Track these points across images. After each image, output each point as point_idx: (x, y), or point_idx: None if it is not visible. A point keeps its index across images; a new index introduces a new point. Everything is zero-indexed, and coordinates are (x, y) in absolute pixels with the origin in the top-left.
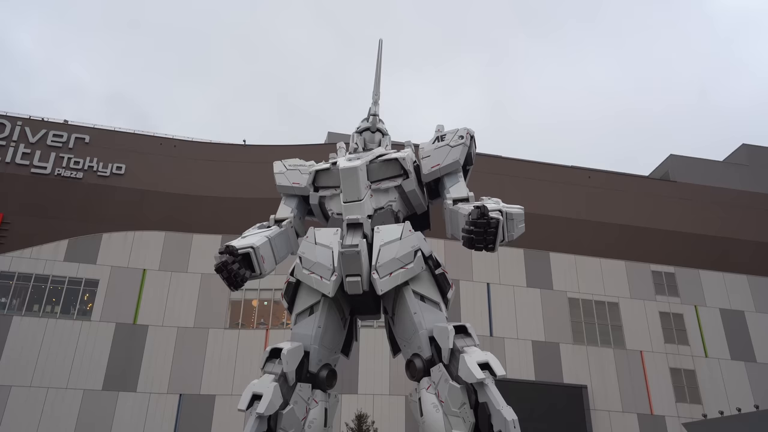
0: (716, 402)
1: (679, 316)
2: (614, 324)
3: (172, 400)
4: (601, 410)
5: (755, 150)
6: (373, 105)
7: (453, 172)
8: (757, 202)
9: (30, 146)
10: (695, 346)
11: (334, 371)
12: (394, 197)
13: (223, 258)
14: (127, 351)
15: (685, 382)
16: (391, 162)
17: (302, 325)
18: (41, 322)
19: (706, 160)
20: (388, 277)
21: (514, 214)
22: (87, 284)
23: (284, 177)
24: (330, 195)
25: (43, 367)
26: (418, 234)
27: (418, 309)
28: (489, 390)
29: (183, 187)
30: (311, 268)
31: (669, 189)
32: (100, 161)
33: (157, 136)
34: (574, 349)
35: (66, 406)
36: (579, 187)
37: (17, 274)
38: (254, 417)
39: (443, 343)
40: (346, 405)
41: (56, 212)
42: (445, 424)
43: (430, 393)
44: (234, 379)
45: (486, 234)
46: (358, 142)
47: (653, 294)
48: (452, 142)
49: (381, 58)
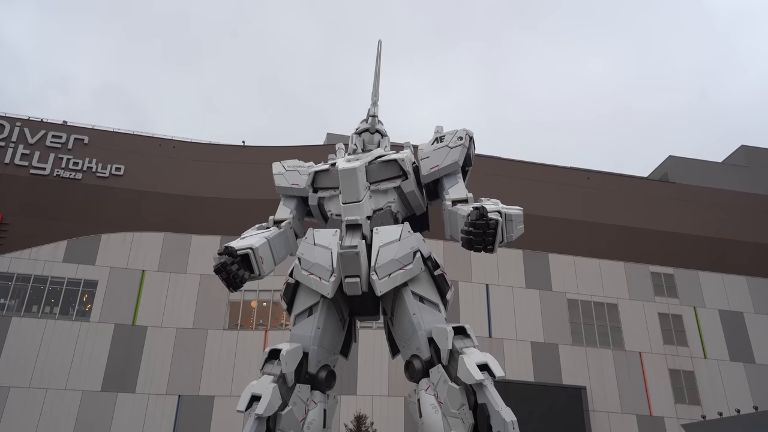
0: (715, 403)
1: (678, 318)
2: (613, 325)
3: (171, 401)
4: (600, 411)
5: (754, 151)
6: (372, 106)
7: (452, 173)
8: (756, 204)
9: (29, 147)
10: (694, 348)
11: (333, 372)
12: (393, 198)
13: (222, 259)
14: (126, 352)
15: (684, 383)
16: (390, 163)
17: (301, 326)
18: (40, 323)
19: (705, 161)
20: (387, 278)
21: (513, 215)
22: (86, 285)
23: (283, 178)
24: (329, 196)
25: (42, 368)
26: (417, 235)
27: (417, 310)
28: (488, 391)
29: (182, 188)
30: (310, 269)
31: (668, 190)
32: (99, 162)
33: (156, 137)
34: (573, 350)
35: (65, 407)
36: (578, 188)
37: (16, 274)
38: (253, 418)
39: (442, 344)
40: (345, 406)
41: (55, 213)
42: (444, 425)
43: (429, 394)
44: (233, 380)
45: (485, 235)
46: (357, 143)
47: (652, 295)
48: (451, 144)
49: (380, 59)
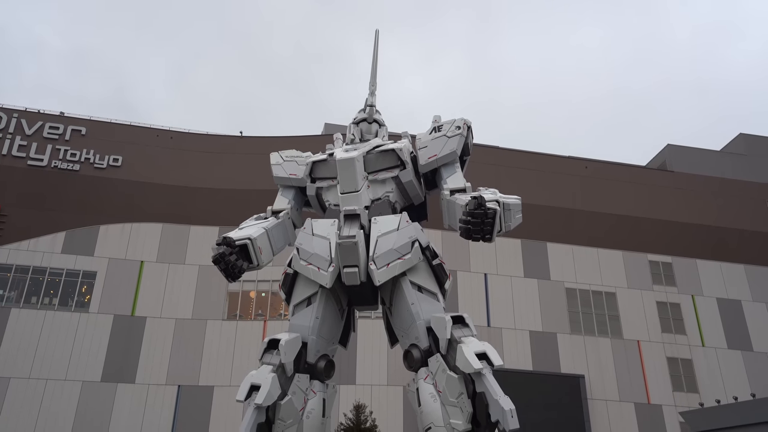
0: (713, 391)
1: (676, 306)
2: (611, 314)
3: (171, 391)
4: (599, 400)
5: (752, 139)
6: (369, 96)
7: (450, 163)
8: (755, 192)
9: (26, 138)
10: (692, 336)
11: (332, 362)
12: (391, 188)
13: (221, 249)
14: (125, 342)
15: (682, 371)
16: (388, 153)
17: (300, 316)
18: (39, 314)
19: (703, 149)
20: (385, 268)
21: (511, 205)
22: (85, 276)
23: (281, 168)
24: (327, 186)
25: (42, 359)
26: (416, 225)
27: (416, 299)
28: (486, 380)
29: (180, 178)
30: (309, 260)
31: (666, 179)
32: (97, 153)
33: (154, 127)
34: (572, 339)
35: (65, 398)
36: (576, 177)
37: (15, 266)
38: (253, 408)
39: (441, 334)
40: (344, 395)
41: (53, 204)
42: (442, 414)
43: (427, 383)
44: (232, 370)
45: (483, 224)
46: (355, 133)
47: (650, 284)
48: (449, 133)
49: (377, 49)
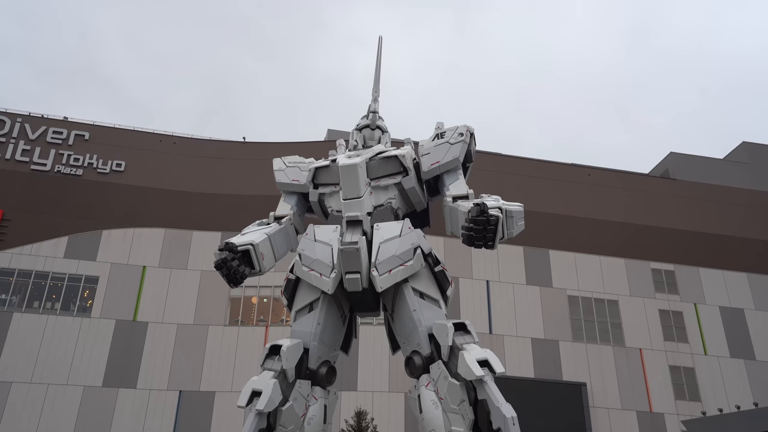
0: (715, 400)
1: (679, 314)
2: (614, 322)
3: (172, 396)
4: (601, 408)
5: (755, 148)
6: (372, 102)
7: (453, 170)
8: (757, 200)
9: (30, 143)
10: (695, 344)
11: (333, 368)
12: (394, 194)
13: (223, 255)
14: (127, 347)
15: (685, 379)
16: (391, 159)
17: (302, 322)
18: (41, 319)
19: (706, 158)
20: (387, 274)
21: (514, 212)
22: (87, 281)
23: (284, 174)
24: (329, 192)
25: (44, 364)
26: (418, 231)
27: (418, 306)
28: (488, 387)
29: (183, 184)
30: (311, 265)
31: (669, 187)
32: (100, 158)
33: (157, 133)
34: (574, 346)
35: (66, 403)
36: (579, 184)
37: (17, 270)
38: (254, 413)
39: (442, 341)
40: (345, 402)
41: (56, 209)
42: (444, 421)
43: (429, 390)
44: (234, 375)
45: (485, 231)
46: (358, 139)
47: (653, 292)
48: (452, 140)
49: (381, 55)
